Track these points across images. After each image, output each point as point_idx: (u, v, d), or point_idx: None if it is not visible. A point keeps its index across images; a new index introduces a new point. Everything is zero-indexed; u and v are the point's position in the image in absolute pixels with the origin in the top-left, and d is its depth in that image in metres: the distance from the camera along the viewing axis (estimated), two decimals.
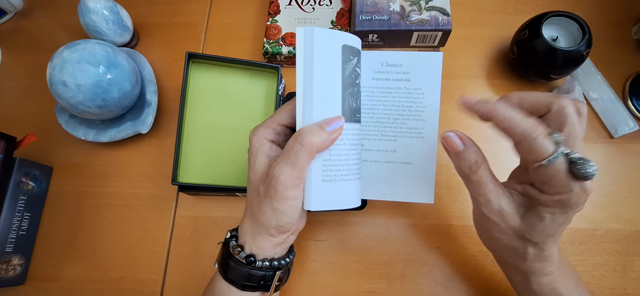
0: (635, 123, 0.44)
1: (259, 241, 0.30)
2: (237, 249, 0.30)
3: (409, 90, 0.33)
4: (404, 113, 0.33)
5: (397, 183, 0.34)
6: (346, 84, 0.30)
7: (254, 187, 0.29)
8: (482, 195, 0.27)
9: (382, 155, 0.34)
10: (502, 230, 0.27)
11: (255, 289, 0.30)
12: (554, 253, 0.28)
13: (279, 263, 0.31)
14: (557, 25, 0.44)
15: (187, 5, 0.57)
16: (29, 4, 0.60)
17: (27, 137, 0.44)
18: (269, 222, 0.28)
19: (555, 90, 0.46)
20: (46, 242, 0.46)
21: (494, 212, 0.27)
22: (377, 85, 0.33)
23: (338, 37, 0.29)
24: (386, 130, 0.33)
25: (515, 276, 0.31)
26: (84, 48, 0.41)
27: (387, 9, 0.44)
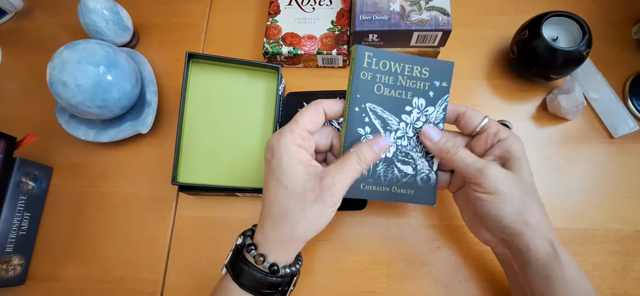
0: (635, 123, 0.44)
1: (287, 250, 0.30)
2: (260, 258, 0.30)
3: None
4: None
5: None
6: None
7: (295, 194, 0.29)
8: (474, 163, 0.31)
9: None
10: (502, 191, 0.30)
11: (272, 295, 0.31)
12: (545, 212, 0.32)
13: (295, 267, 0.32)
14: (557, 25, 0.44)
15: (187, 5, 0.57)
16: (29, 4, 0.60)
17: (27, 137, 0.44)
18: (309, 227, 0.30)
19: (556, 90, 0.46)
20: (46, 242, 0.46)
21: (492, 170, 0.31)
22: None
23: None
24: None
25: (518, 240, 0.31)
26: (84, 48, 0.41)
27: (387, 9, 0.44)
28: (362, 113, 0.33)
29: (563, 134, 0.45)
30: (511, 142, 0.32)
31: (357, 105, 0.32)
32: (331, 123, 0.43)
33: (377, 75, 0.32)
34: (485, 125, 0.33)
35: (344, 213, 0.44)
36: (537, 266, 0.30)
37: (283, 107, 0.47)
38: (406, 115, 0.34)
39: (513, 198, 0.30)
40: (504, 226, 0.31)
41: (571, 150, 0.45)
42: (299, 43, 0.48)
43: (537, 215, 0.31)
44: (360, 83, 0.32)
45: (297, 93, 0.48)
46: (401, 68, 0.33)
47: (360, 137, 0.33)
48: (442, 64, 0.34)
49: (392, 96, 0.33)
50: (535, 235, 0.30)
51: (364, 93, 0.32)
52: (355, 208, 0.43)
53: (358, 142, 0.32)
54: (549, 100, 0.45)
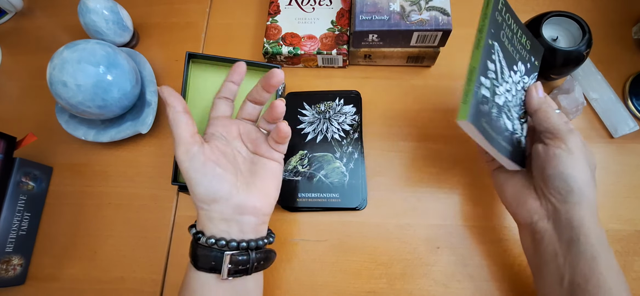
0: (635, 123, 0.44)
1: (198, 217, 0.33)
2: (191, 227, 0.34)
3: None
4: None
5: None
6: None
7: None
8: (566, 123, 0.33)
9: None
10: (583, 150, 0.32)
11: (206, 270, 0.31)
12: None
13: (229, 244, 0.32)
14: (557, 25, 0.44)
15: (187, 5, 0.57)
16: (29, 4, 0.60)
17: (27, 137, 0.44)
18: (191, 191, 0.32)
19: (556, 90, 0.46)
20: (46, 242, 0.46)
21: (578, 134, 0.33)
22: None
23: None
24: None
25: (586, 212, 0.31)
26: (84, 48, 0.41)
27: (387, 9, 0.44)
28: (491, 50, 0.34)
29: None
30: (579, 134, 0.34)
31: (490, 39, 0.34)
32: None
33: (503, 23, 0.35)
34: (559, 114, 0.35)
35: (345, 214, 0.44)
36: (585, 244, 0.30)
37: None
38: (513, 72, 0.36)
39: (586, 166, 0.32)
40: (571, 190, 0.31)
41: None
42: (299, 43, 0.48)
43: (595, 194, 0.32)
44: (494, 22, 0.34)
45: (297, 93, 0.48)
46: (516, 28, 0.36)
47: (488, 71, 0.33)
48: (537, 44, 0.39)
49: (508, 49, 0.35)
50: (592, 212, 0.31)
51: (495, 32, 0.34)
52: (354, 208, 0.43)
53: (484, 73, 0.33)
54: None
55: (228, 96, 0.38)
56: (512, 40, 0.36)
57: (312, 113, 0.47)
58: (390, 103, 0.48)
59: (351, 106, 0.47)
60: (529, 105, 0.36)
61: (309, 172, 0.44)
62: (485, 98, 0.32)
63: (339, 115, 0.47)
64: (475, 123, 0.31)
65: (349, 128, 0.46)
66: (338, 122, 0.46)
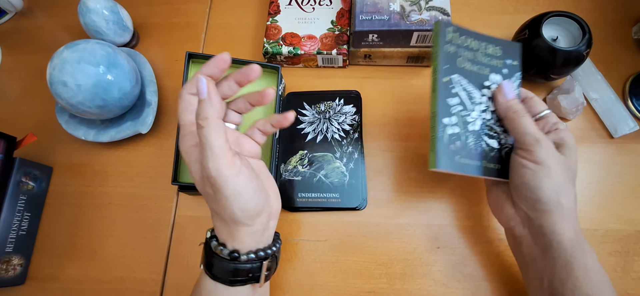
0: (635, 123, 0.44)
1: (237, 236, 0.30)
2: (219, 248, 0.30)
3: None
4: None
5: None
6: None
7: (204, 192, 0.30)
8: (536, 132, 0.32)
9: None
10: (556, 160, 0.31)
11: (244, 283, 0.30)
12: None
13: (265, 253, 0.31)
14: (557, 25, 0.44)
15: (187, 5, 0.57)
16: (29, 3, 0.60)
17: (27, 137, 0.44)
18: (233, 212, 0.28)
19: (556, 90, 0.46)
20: (46, 242, 0.46)
21: (548, 143, 0.32)
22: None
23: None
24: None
25: (566, 225, 0.31)
26: (84, 48, 0.41)
27: (387, 9, 0.44)
28: (450, 85, 0.34)
29: None
30: (567, 134, 0.33)
31: (445, 76, 0.34)
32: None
33: (458, 49, 0.35)
34: (547, 114, 0.35)
35: (345, 213, 0.44)
36: (559, 250, 0.30)
37: (283, 107, 0.47)
38: (486, 89, 0.35)
39: (556, 174, 0.31)
40: (538, 199, 0.31)
41: None
42: (299, 43, 0.48)
43: (570, 200, 0.31)
44: (445, 56, 0.34)
45: (297, 93, 0.48)
46: (477, 45, 0.35)
47: (451, 108, 0.34)
48: (511, 44, 0.37)
49: (472, 70, 0.35)
50: (563, 218, 0.31)
51: (450, 65, 0.34)
52: (354, 208, 0.43)
53: (446, 114, 0.34)
54: (549, 100, 0.45)
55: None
56: (475, 59, 0.35)
57: (312, 113, 0.47)
58: (391, 103, 0.48)
59: (351, 106, 0.47)
60: (498, 112, 0.35)
61: (309, 172, 0.44)
62: (454, 135, 0.33)
63: (339, 115, 0.47)
64: (448, 167, 0.33)
65: (349, 128, 0.46)
66: (338, 122, 0.46)
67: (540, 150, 0.31)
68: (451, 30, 0.35)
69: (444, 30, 0.34)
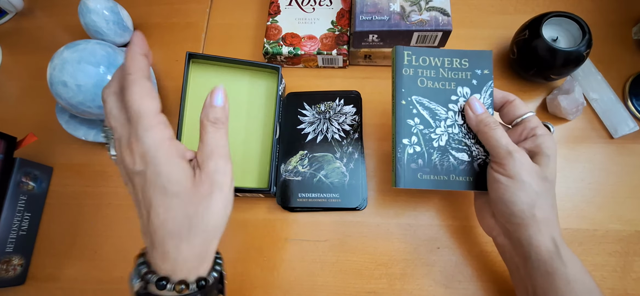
0: (635, 123, 0.44)
1: (204, 257, 0.26)
2: (181, 287, 0.24)
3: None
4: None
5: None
6: None
7: (190, 196, 0.24)
8: (507, 144, 0.32)
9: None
10: (530, 172, 0.31)
11: None
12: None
13: (220, 265, 0.27)
14: (557, 25, 0.44)
15: (187, 6, 0.57)
16: (29, 4, 0.60)
17: (27, 137, 0.44)
18: (219, 222, 0.26)
19: (556, 90, 0.46)
20: (46, 242, 0.46)
21: (520, 156, 0.31)
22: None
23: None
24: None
25: (543, 237, 0.31)
26: (84, 48, 0.41)
27: (387, 9, 0.44)
28: (409, 106, 0.35)
29: (563, 134, 0.45)
30: (545, 140, 0.32)
31: (403, 99, 0.35)
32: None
33: (418, 70, 0.36)
34: (527, 118, 0.34)
35: (345, 214, 0.44)
36: (537, 261, 0.30)
37: (283, 108, 0.47)
38: (453, 104, 0.36)
39: (530, 188, 0.30)
40: (512, 213, 0.31)
41: (571, 150, 0.45)
42: (299, 43, 0.48)
43: (546, 211, 0.31)
44: (403, 79, 0.35)
45: (297, 93, 0.48)
46: (441, 61, 0.36)
47: (411, 128, 0.35)
48: (480, 54, 0.36)
49: (435, 87, 0.36)
50: (539, 230, 0.30)
51: (408, 88, 0.35)
52: (354, 208, 0.43)
53: (408, 132, 0.35)
54: (549, 100, 0.45)
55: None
56: (438, 76, 0.36)
57: (312, 114, 0.47)
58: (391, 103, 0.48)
59: (351, 106, 0.47)
60: (469, 124, 0.35)
61: (309, 172, 0.44)
62: (415, 154, 0.35)
63: (339, 115, 0.47)
64: (409, 184, 0.34)
65: (349, 128, 0.46)
66: (338, 122, 0.46)
67: (512, 163, 0.31)
68: (408, 54, 0.36)
69: (400, 55, 0.36)
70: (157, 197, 0.24)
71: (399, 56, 0.36)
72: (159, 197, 0.24)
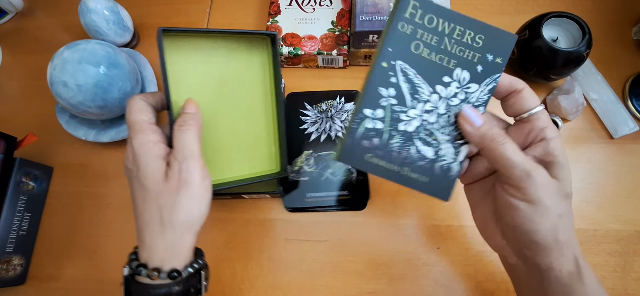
0: (635, 124, 0.44)
1: (180, 251, 0.28)
2: (154, 273, 0.27)
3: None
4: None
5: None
6: None
7: (158, 191, 0.27)
8: (522, 163, 0.26)
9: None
10: (552, 194, 0.26)
11: None
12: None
13: (198, 264, 0.30)
14: (557, 25, 0.44)
15: (187, 6, 0.57)
16: (29, 4, 0.60)
17: (27, 137, 0.44)
18: (189, 217, 0.28)
19: (556, 90, 0.46)
20: (46, 242, 0.46)
21: (541, 177, 0.26)
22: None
23: None
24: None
25: (564, 260, 0.27)
26: (84, 48, 0.41)
27: (388, 9, 0.44)
28: (389, 71, 0.27)
29: (563, 134, 0.45)
30: (557, 144, 0.27)
31: (385, 61, 0.27)
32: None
33: (418, 30, 0.27)
34: (536, 114, 0.27)
35: (345, 214, 0.44)
36: (556, 284, 0.27)
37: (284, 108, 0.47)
38: (442, 86, 0.28)
39: (553, 212, 0.26)
40: (533, 242, 0.27)
41: (571, 150, 0.45)
42: (299, 43, 0.48)
43: (568, 231, 0.27)
44: (396, 36, 0.27)
45: (298, 93, 0.49)
46: (450, 28, 0.27)
47: (380, 99, 0.28)
48: (501, 35, 0.28)
49: (430, 60, 0.28)
50: (562, 253, 0.26)
51: (397, 48, 0.27)
52: (355, 208, 0.43)
53: (377, 104, 0.28)
54: (549, 100, 0.45)
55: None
56: (440, 46, 0.28)
57: (314, 113, 0.47)
58: None
59: (352, 104, 0.47)
60: (469, 140, 0.28)
61: (315, 171, 0.44)
62: (373, 131, 0.28)
63: (341, 113, 0.47)
64: (352, 163, 0.28)
65: None
66: (340, 119, 0.46)
67: (533, 186, 0.25)
68: (413, 5, 0.27)
69: (405, 3, 0.27)
70: (137, 190, 0.28)
71: (401, 5, 0.27)
72: (138, 190, 0.28)
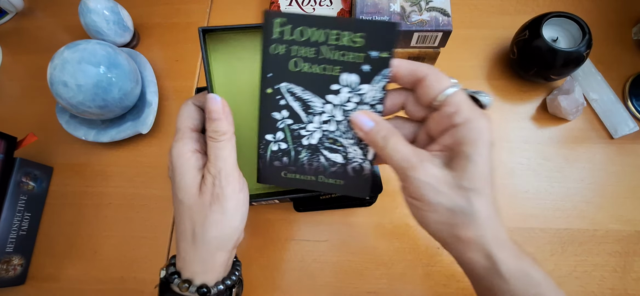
0: (635, 124, 0.44)
1: (211, 265, 0.27)
2: (184, 286, 0.26)
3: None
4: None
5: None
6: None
7: (191, 205, 0.27)
8: (403, 159, 0.25)
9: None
10: (437, 189, 0.24)
11: None
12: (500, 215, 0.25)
13: (231, 279, 0.29)
14: (557, 25, 0.44)
15: (188, 6, 0.57)
16: (29, 4, 0.60)
17: (27, 137, 0.44)
18: (222, 234, 0.27)
19: (556, 90, 0.46)
20: (46, 242, 0.46)
21: (423, 174, 0.24)
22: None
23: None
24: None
25: (478, 256, 0.25)
26: (84, 48, 0.41)
27: (388, 9, 0.44)
28: (276, 96, 0.27)
29: (563, 135, 0.45)
30: (467, 131, 0.24)
31: (269, 87, 0.27)
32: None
33: (292, 47, 0.26)
34: (446, 98, 0.24)
35: (345, 213, 0.44)
36: (473, 277, 0.27)
37: None
38: (332, 95, 0.27)
39: (441, 207, 0.24)
40: (432, 234, 0.27)
41: (571, 150, 0.45)
42: None
43: (473, 229, 0.24)
44: (271, 60, 0.27)
45: None
46: (325, 36, 0.26)
47: (276, 123, 0.28)
48: (381, 26, 0.25)
49: (313, 73, 0.27)
50: (468, 249, 0.25)
51: (277, 71, 0.27)
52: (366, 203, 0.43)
53: (274, 127, 0.29)
54: (549, 100, 0.45)
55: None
56: (318, 56, 0.27)
57: None
58: None
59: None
60: (365, 142, 0.28)
61: None
62: (280, 151, 0.29)
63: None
64: (273, 182, 0.30)
65: None
66: None
67: (412, 184, 0.25)
68: (280, 23, 0.26)
69: (269, 25, 0.26)
70: (175, 201, 0.28)
71: (267, 26, 0.26)
72: (176, 201, 0.27)
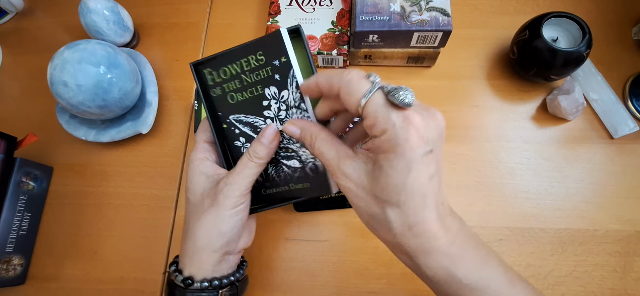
0: (635, 124, 0.44)
1: (196, 260, 0.30)
2: (174, 274, 0.30)
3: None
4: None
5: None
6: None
7: (194, 204, 0.30)
8: (327, 162, 0.26)
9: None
10: (355, 193, 0.24)
11: None
12: (430, 226, 0.22)
13: (221, 282, 0.30)
14: (557, 25, 0.44)
15: (188, 6, 0.57)
16: (29, 4, 0.60)
17: (27, 137, 0.44)
18: (210, 234, 0.29)
19: (556, 90, 0.46)
20: (46, 242, 0.46)
21: (342, 177, 0.25)
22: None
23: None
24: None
25: (404, 258, 0.25)
26: (84, 48, 0.41)
27: (388, 9, 0.44)
28: (231, 127, 0.32)
29: (563, 135, 0.45)
30: (380, 142, 0.22)
31: (223, 122, 0.32)
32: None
33: (224, 85, 0.31)
34: (363, 109, 0.23)
35: (345, 213, 0.44)
36: (431, 283, 0.25)
37: None
38: (267, 110, 0.30)
39: (362, 211, 0.25)
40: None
41: (571, 150, 0.45)
42: None
43: (391, 235, 0.23)
44: (215, 102, 0.31)
45: None
46: (239, 66, 0.30)
47: (240, 149, 0.32)
48: (269, 38, 0.29)
49: (246, 98, 0.31)
50: (395, 250, 0.25)
51: (223, 109, 0.31)
52: None
53: (240, 153, 0.32)
54: (549, 100, 0.45)
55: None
56: (243, 85, 0.30)
57: None
58: None
59: None
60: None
61: None
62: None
63: None
64: (256, 202, 0.33)
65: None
66: None
67: (343, 178, 0.25)
68: (209, 72, 0.31)
69: (202, 74, 0.31)
70: (185, 199, 0.32)
71: (201, 77, 0.31)
72: (185, 200, 0.32)
